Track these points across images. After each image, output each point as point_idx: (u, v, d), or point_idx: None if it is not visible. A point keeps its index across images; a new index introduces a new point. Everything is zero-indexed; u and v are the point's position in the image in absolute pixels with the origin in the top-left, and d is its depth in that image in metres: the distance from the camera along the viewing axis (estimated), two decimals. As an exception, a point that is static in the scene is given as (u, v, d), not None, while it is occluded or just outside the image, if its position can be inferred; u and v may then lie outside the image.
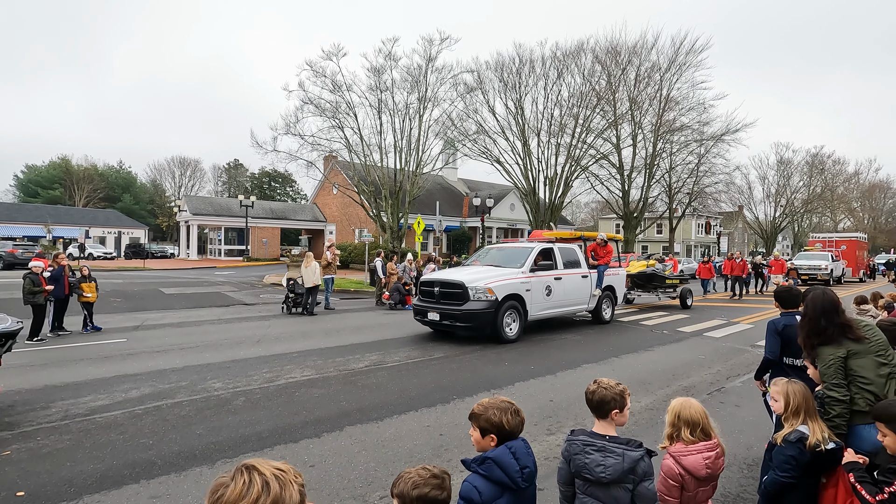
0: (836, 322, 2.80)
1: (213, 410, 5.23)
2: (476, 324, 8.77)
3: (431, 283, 9.67)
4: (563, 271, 10.57)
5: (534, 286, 9.72)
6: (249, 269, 31.40)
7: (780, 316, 4.01)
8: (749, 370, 7.45)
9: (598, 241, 12.13)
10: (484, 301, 8.83)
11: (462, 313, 8.79)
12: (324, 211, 45.01)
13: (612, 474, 2.05)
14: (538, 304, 9.86)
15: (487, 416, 2.03)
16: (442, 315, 9.09)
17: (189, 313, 12.60)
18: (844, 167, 57.54)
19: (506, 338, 9.00)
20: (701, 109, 33.94)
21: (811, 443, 2.50)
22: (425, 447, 4.37)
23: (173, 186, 74.52)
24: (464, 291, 8.96)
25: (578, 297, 11.04)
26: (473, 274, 9.50)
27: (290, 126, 26.32)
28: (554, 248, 10.72)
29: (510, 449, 1.98)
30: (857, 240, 32.15)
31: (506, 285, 9.17)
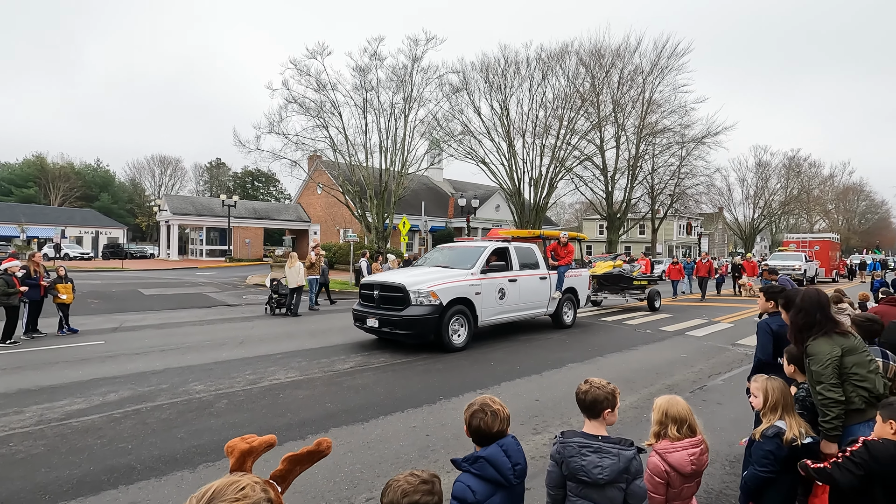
0: (829, 316, 2.86)
1: (195, 413, 5.13)
2: (417, 331, 8.05)
3: (371, 286, 8.82)
4: (518, 273, 9.85)
5: (485, 289, 8.94)
6: (232, 269, 30.96)
7: (769, 316, 4.06)
8: (730, 368, 7.60)
9: (558, 241, 11.44)
10: (427, 306, 8.06)
11: (402, 320, 8.00)
12: (308, 211, 44.61)
13: (609, 475, 2.05)
14: (490, 309, 9.08)
15: (467, 420, 2.08)
16: (381, 321, 8.28)
17: (170, 314, 12.36)
18: (820, 170, 59.22)
19: (451, 346, 8.24)
20: (682, 112, 34.61)
21: (788, 437, 2.54)
22: (412, 448, 4.35)
23: (153, 185, 73.11)
24: (404, 295, 8.14)
25: (536, 300, 10.28)
26: (417, 276, 8.68)
27: (273, 125, 26.08)
28: (509, 248, 9.98)
29: (502, 447, 1.99)
30: (829, 240, 32.65)
31: (452, 288, 8.40)
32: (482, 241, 10.49)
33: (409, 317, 8.01)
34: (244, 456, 1.33)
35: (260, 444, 1.35)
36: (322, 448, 1.45)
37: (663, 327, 11.54)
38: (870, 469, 2.06)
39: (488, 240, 10.65)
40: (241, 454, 1.32)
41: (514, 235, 11.30)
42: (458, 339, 8.46)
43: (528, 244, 10.89)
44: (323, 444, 1.45)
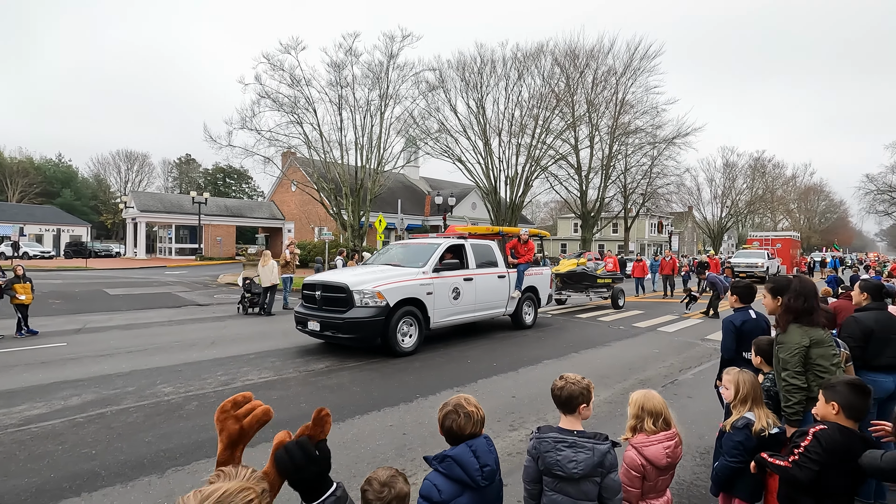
0: (816, 305, 2.96)
1: (164, 416, 4.97)
2: (361, 334, 7.49)
3: (313, 287, 8.16)
4: (475, 271, 9.35)
5: (437, 289, 8.41)
6: (203, 268, 30.18)
7: (734, 312, 4.18)
8: (699, 363, 7.81)
9: (519, 238, 11.01)
10: (372, 307, 7.50)
11: (344, 322, 7.43)
12: (282, 208, 43.83)
13: (584, 469, 2.07)
14: (443, 310, 8.55)
15: (440, 420, 2.05)
16: (323, 324, 7.69)
17: (137, 315, 11.96)
18: (783, 171, 61.65)
19: (400, 350, 7.72)
20: (654, 113, 35.39)
21: (756, 428, 2.62)
22: (389, 447, 4.31)
23: (119, 182, 70.55)
24: (347, 296, 7.56)
25: (494, 300, 9.81)
26: (363, 275, 8.14)
27: (245, 120, 25.48)
28: (465, 245, 9.45)
29: (471, 447, 1.96)
30: (791, 238, 33.71)
31: (400, 288, 7.87)
32: (436, 238, 9.84)
33: (352, 319, 7.43)
34: (233, 443, 1.16)
35: (251, 423, 1.17)
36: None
37: (636, 323, 11.78)
38: (825, 459, 2.15)
39: (445, 237, 10.06)
40: (229, 439, 1.15)
41: (471, 232, 10.83)
42: (408, 343, 7.93)
43: (485, 241, 10.36)
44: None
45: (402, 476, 1.67)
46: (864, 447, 2.18)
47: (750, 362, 3.55)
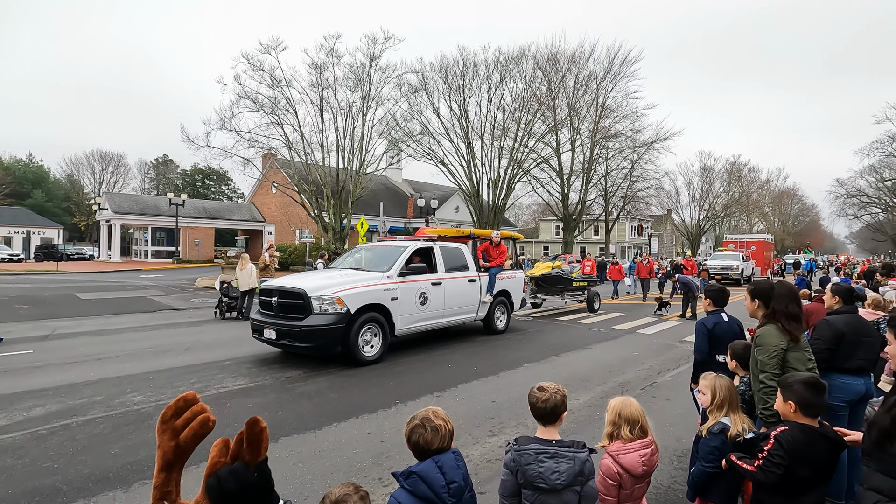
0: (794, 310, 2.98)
1: (132, 427, 4.79)
2: (319, 343, 7.10)
3: (269, 293, 7.72)
4: (444, 275, 9.05)
5: (403, 294, 8.09)
6: (180, 271, 29.53)
7: (707, 315, 4.22)
8: (677, 365, 7.89)
9: (490, 241, 10.72)
10: (332, 314, 7.12)
11: (301, 330, 7.01)
12: (262, 210, 43.22)
13: (567, 479, 2.05)
14: (410, 316, 8.24)
15: (407, 435, 1.97)
16: (279, 332, 7.25)
17: (109, 320, 11.60)
18: (758, 175, 63.36)
19: (362, 359, 7.33)
20: (634, 118, 35.97)
21: (732, 433, 2.63)
22: (365, 455, 4.23)
23: (93, 183, 68.71)
24: (305, 303, 7.18)
25: (464, 305, 9.48)
26: (323, 280, 7.77)
27: (224, 121, 25.07)
28: (434, 248, 9.13)
29: (437, 463, 1.88)
30: (764, 241, 34.28)
31: (362, 294, 7.49)
32: (404, 241, 9.52)
33: (310, 327, 7.02)
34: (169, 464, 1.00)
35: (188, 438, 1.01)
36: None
37: (616, 326, 11.88)
38: (788, 461, 2.18)
39: (413, 239, 9.71)
40: (164, 459, 1.00)
41: (440, 235, 10.40)
42: (371, 351, 7.55)
43: (456, 244, 10.04)
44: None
45: (359, 493, 1.59)
46: (826, 443, 2.22)
47: (724, 365, 3.58)
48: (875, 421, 1.93)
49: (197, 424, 1.02)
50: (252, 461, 1.06)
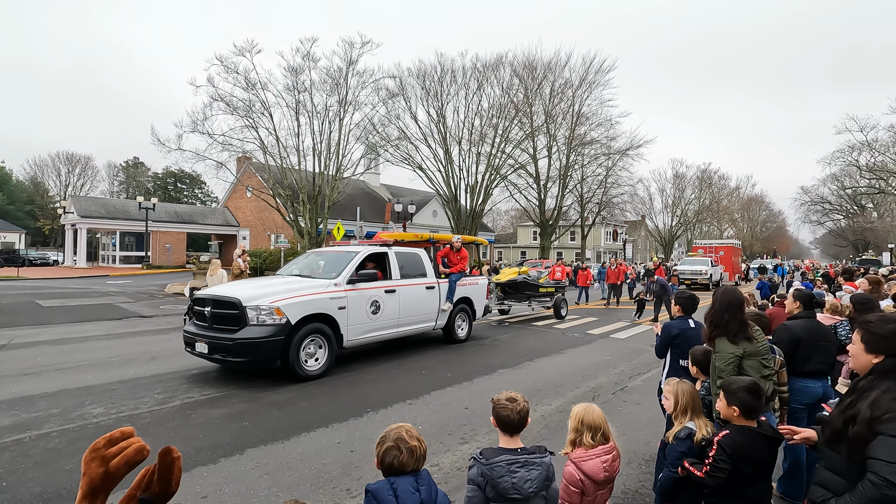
0: (739, 318, 3.03)
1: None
2: (255, 357, 6.50)
3: (203, 302, 7.05)
4: (399, 282, 8.54)
5: (352, 302, 7.55)
6: (149, 277, 28.70)
7: (675, 320, 4.31)
8: (648, 369, 8.02)
9: (451, 246, 10.27)
10: (269, 325, 6.53)
11: (235, 344, 6.38)
12: (236, 215, 42.41)
13: (538, 486, 2.07)
14: (360, 326, 7.71)
15: (380, 456, 1.92)
16: (211, 346, 6.60)
17: (72, 328, 11.17)
18: (728, 182, 65.37)
19: (304, 373, 6.77)
20: (608, 125, 36.72)
21: (698, 438, 2.67)
22: (334, 466, 4.15)
23: (59, 185, 66.27)
24: (240, 313, 6.56)
25: (422, 313, 9.01)
26: (261, 288, 7.20)
27: (197, 123, 24.56)
28: (388, 254, 8.63)
29: (391, 485, 1.83)
30: (733, 246, 34.77)
31: (305, 303, 6.92)
32: (356, 246, 8.98)
33: (245, 340, 6.40)
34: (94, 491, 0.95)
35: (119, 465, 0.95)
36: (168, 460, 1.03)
37: (590, 330, 12.02)
38: (732, 464, 2.29)
39: (367, 244, 9.23)
40: (89, 486, 0.94)
41: (397, 239, 9.95)
42: (315, 366, 6.99)
43: (413, 249, 9.53)
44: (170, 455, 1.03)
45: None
46: (764, 441, 2.33)
47: (688, 370, 3.65)
48: (829, 421, 1.99)
49: (132, 451, 0.97)
50: (161, 494, 1.00)
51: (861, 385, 1.93)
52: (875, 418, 1.73)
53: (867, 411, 1.77)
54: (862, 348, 1.99)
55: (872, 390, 1.85)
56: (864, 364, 1.97)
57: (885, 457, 1.65)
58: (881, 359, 1.92)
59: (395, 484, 1.83)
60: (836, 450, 1.89)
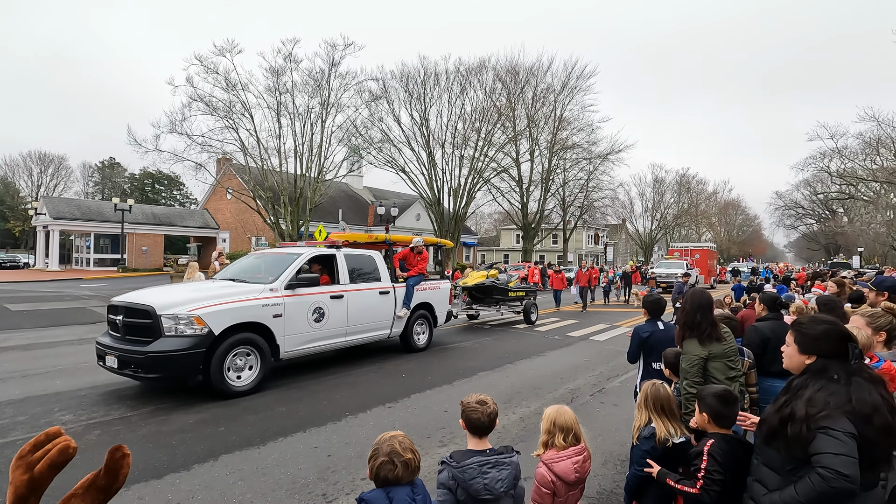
0: (709, 319, 3.11)
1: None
2: (170, 373, 5.78)
3: (116, 310, 6.24)
4: (348, 286, 7.88)
5: (291, 309, 6.87)
6: (125, 280, 28.04)
7: (644, 323, 4.39)
8: (626, 370, 8.13)
9: (411, 247, 9.69)
10: (187, 336, 5.80)
11: (146, 358, 5.62)
12: (216, 217, 41.76)
13: (508, 484, 2.10)
14: (300, 336, 7.03)
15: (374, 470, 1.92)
16: (121, 360, 5.83)
17: (42, 333, 10.85)
18: (706, 187, 66.80)
19: (230, 390, 6.05)
20: (589, 130, 37.21)
21: (660, 437, 2.72)
22: (311, 471, 4.11)
23: (30, 186, 64.40)
24: (153, 322, 5.80)
25: (374, 320, 8.35)
26: (182, 294, 6.41)
27: (175, 124, 24.21)
28: (337, 256, 7.97)
29: (387, 494, 1.85)
30: (708, 249, 34.98)
31: (232, 310, 6.20)
32: (299, 248, 8.24)
33: (157, 353, 5.65)
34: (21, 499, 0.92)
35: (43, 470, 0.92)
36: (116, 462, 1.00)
37: (570, 333, 12.14)
38: (724, 476, 2.22)
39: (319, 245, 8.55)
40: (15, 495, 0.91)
41: (348, 240, 9.35)
42: (243, 381, 6.25)
43: (366, 251, 8.89)
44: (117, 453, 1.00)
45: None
46: (742, 448, 2.32)
47: (660, 372, 3.72)
48: (765, 419, 2.05)
49: (55, 453, 0.93)
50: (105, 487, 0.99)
51: (795, 384, 1.99)
52: (812, 416, 1.79)
53: (804, 409, 1.83)
54: (795, 349, 2.05)
55: (806, 389, 1.91)
56: (798, 364, 2.03)
57: (830, 450, 1.71)
58: (814, 359, 1.98)
59: (391, 494, 1.83)
60: (773, 447, 1.95)
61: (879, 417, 1.77)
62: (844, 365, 1.91)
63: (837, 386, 1.85)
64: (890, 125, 35.70)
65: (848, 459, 1.68)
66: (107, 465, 0.98)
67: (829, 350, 1.95)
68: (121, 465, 0.99)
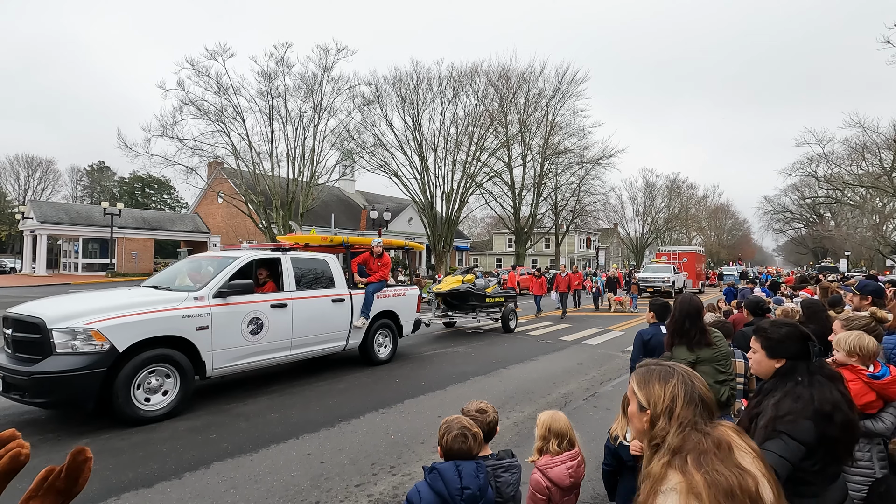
0: (699, 325, 3.14)
1: (41, 460, 4.41)
2: (62, 397, 4.90)
3: (7, 321, 5.41)
4: (294, 294, 7.03)
5: (220, 321, 6.02)
6: (114, 285, 27.73)
7: (648, 326, 4.43)
8: (619, 374, 8.17)
9: (371, 251, 8.91)
10: (84, 354, 4.93)
11: (31, 380, 4.74)
12: (207, 221, 41.47)
13: (515, 489, 2.19)
14: (233, 350, 6.17)
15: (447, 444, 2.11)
16: (6, 382, 4.97)
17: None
18: (696, 192, 67.57)
19: (138, 415, 5.21)
20: (581, 135, 37.53)
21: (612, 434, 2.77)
22: (303, 478, 4.09)
23: (17, 190, 63.62)
24: (42, 338, 4.96)
25: (326, 332, 7.51)
26: (87, 303, 5.47)
27: (166, 128, 24.06)
28: (281, 260, 7.14)
29: (458, 467, 2.02)
30: (696, 253, 34.69)
31: (140, 323, 5.30)
32: (244, 251, 7.26)
33: (44, 374, 4.75)
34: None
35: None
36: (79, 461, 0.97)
37: (563, 337, 12.18)
38: None
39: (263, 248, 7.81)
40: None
41: (298, 242, 8.60)
42: (156, 405, 5.39)
43: (319, 255, 8.06)
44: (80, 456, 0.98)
45: None
46: None
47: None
48: (738, 423, 2.10)
49: (7, 460, 0.90)
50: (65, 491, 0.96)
51: (766, 387, 2.06)
52: (779, 417, 1.86)
53: (772, 410, 1.89)
54: (763, 354, 2.10)
55: (776, 391, 1.97)
56: (767, 369, 2.09)
57: (775, 450, 1.79)
58: (783, 363, 2.04)
59: (460, 466, 2.01)
60: None
61: (840, 414, 1.85)
62: (809, 364, 1.99)
63: (802, 388, 1.92)
64: (875, 131, 36.37)
65: (785, 464, 1.78)
66: (68, 468, 0.95)
67: (795, 351, 2.02)
68: (83, 468, 0.96)
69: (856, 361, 2.60)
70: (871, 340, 2.69)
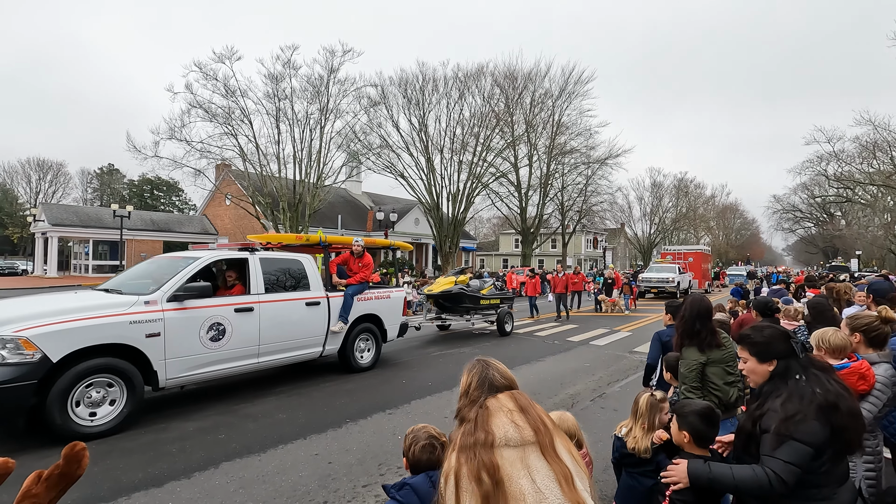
0: (709, 327, 3.12)
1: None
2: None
3: None
4: (262, 297, 6.53)
5: (174, 326, 5.55)
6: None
7: (665, 327, 4.41)
8: (626, 375, 8.14)
9: (351, 251, 8.47)
10: (11, 365, 4.44)
11: None
12: (214, 223, 41.78)
13: None
14: (190, 359, 5.69)
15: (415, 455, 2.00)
16: None
17: None
18: (703, 191, 67.06)
19: (79, 430, 4.70)
20: (588, 135, 37.35)
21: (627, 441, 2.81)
22: (311, 478, 4.11)
23: (29, 193, 64.44)
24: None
25: (298, 337, 7.00)
26: (20, 308, 5.02)
27: (174, 130, 24.29)
28: (249, 261, 6.65)
29: (431, 478, 1.90)
30: (702, 252, 33.50)
31: (77, 330, 4.82)
32: (207, 251, 6.75)
33: None
34: None
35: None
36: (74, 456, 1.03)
37: (570, 338, 12.13)
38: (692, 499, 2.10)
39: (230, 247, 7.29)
40: None
41: (270, 241, 8.11)
42: (98, 420, 4.92)
43: (292, 255, 7.53)
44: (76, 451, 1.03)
45: None
46: None
47: (671, 376, 3.74)
48: (741, 427, 2.09)
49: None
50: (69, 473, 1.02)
51: (765, 390, 2.03)
52: (789, 418, 1.84)
53: (781, 412, 1.87)
54: (755, 361, 2.07)
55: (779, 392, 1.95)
56: (762, 374, 2.06)
57: (784, 457, 1.78)
58: (775, 364, 2.01)
59: (433, 477, 1.89)
60: (749, 452, 1.98)
61: (844, 401, 1.85)
62: (800, 360, 1.98)
63: (803, 385, 1.91)
64: (886, 129, 35.92)
65: (794, 470, 1.77)
66: (65, 456, 1.01)
67: (783, 350, 2.00)
68: (81, 455, 1.03)
69: (824, 354, 2.67)
70: (836, 335, 2.80)
